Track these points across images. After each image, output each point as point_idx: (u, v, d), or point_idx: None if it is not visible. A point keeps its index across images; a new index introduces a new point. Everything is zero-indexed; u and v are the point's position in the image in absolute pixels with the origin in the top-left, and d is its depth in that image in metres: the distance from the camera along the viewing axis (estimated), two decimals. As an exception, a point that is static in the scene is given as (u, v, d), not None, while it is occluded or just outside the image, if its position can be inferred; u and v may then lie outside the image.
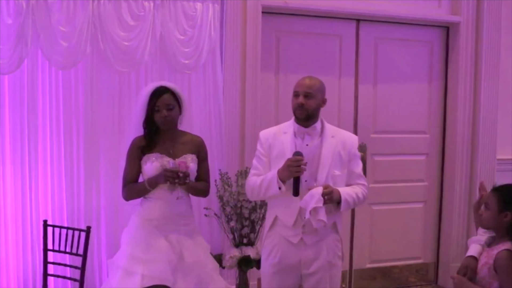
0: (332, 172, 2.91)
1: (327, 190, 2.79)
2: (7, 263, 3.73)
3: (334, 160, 2.93)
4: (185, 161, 3.11)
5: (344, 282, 4.84)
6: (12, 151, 3.71)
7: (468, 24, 4.81)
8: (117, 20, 3.80)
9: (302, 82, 2.98)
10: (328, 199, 2.80)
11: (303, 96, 2.92)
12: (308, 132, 2.97)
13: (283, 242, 2.97)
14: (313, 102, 2.92)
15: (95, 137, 3.87)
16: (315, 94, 2.93)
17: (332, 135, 2.99)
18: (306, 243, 2.93)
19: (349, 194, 2.91)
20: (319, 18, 4.56)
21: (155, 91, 3.17)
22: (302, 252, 2.94)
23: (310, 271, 2.95)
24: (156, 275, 2.95)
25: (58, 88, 3.80)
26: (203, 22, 4.01)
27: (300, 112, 2.93)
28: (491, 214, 2.65)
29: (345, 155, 2.96)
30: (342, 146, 2.96)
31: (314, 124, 2.97)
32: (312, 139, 2.97)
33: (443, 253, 5.06)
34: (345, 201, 2.87)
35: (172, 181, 3.03)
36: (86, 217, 3.87)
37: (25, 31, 3.56)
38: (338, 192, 2.86)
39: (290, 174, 2.81)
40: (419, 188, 5.03)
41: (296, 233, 2.93)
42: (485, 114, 4.85)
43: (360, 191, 2.97)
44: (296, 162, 2.80)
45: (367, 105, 4.79)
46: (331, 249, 2.97)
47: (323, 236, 2.94)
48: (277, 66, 4.50)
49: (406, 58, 4.88)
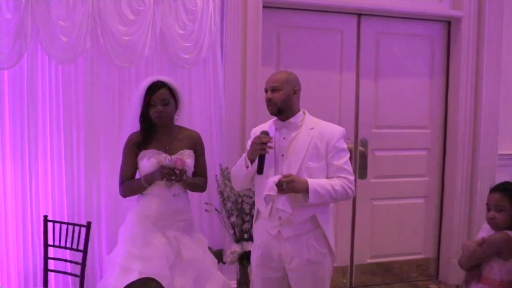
0: (306, 164, 2.86)
1: (286, 179, 2.74)
2: (7, 258, 3.72)
3: (309, 152, 2.88)
4: (181, 158, 3.08)
5: (345, 277, 4.84)
6: (12, 147, 3.69)
7: (470, 18, 4.79)
8: (117, 14, 3.78)
9: (269, 78, 3.02)
10: (288, 188, 2.74)
11: (271, 91, 2.94)
12: (285, 125, 2.97)
13: (265, 235, 3.00)
14: (281, 94, 2.91)
15: (95, 132, 3.86)
16: (281, 87, 2.93)
17: (312, 127, 2.95)
18: (284, 236, 2.91)
19: (321, 185, 2.80)
20: (320, 13, 4.54)
21: (151, 86, 3.14)
22: (282, 246, 2.94)
23: (291, 267, 2.94)
24: (154, 272, 2.93)
25: (58, 83, 3.79)
26: (204, 16, 3.99)
27: (270, 107, 2.95)
28: (505, 214, 2.73)
29: (322, 146, 2.89)
30: (320, 137, 2.90)
31: (292, 117, 2.96)
32: (290, 132, 2.96)
33: (444, 248, 5.05)
34: (314, 191, 2.76)
35: (168, 178, 3.01)
36: (86, 213, 3.86)
37: (25, 25, 3.54)
38: (304, 182, 2.77)
39: (254, 152, 2.85)
40: (420, 183, 5.02)
41: (274, 225, 2.93)
42: (487, 109, 4.84)
43: (338, 184, 2.84)
44: (259, 139, 2.83)
45: (368, 100, 4.77)
46: (312, 246, 2.91)
47: (302, 231, 2.90)
48: (277, 61, 4.48)
49: (407, 53, 4.86)
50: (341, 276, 4.82)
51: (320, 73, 4.59)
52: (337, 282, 4.79)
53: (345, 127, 4.59)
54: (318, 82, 4.56)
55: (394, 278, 5.03)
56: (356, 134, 4.76)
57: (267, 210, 2.92)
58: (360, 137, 4.77)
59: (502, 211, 2.73)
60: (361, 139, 4.77)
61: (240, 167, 2.97)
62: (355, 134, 4.76)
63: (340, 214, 4.75)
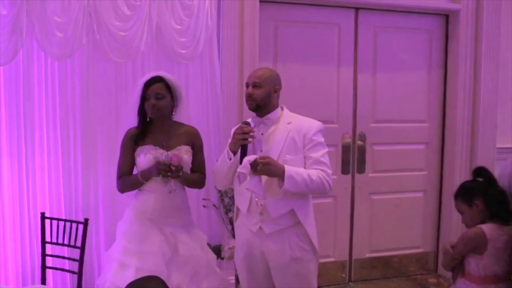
0: (283, 157, 2.85)
1: (262, 160, 2.72)
2: (5, 256, 3.71)
3: (287, 145, 2.88)
4: (178, 154, 3.07)
5: (343, 271, 4.84)
6: (9, 144, 3.68)
7: (468, 12, 4.77)
8: (113, 10, 3.76)
9: (251, 74, 3.03)
10: (263, 170, 2.72)
11: (252, 87, 2.95)
12: (262, 121, 2.98)
13: (247, 233, 2.99)
14: (261, 91, 2.92)
15: (92, 128, 3.84)
16: (263, 84, 2.93)
17: (290, 121, 2.96)
18: (266, 232, 2.90)
19: (298, 173, 2.77)
20: (318, 7, 4.52)
21: (148, 80, 3.13)
22: (264, 243, 2.93)
23: (275, 265, 2.93)
24: (150, 268, 2.93)
25: (54, 79, 3.77)
26: (200, 11, 3.97)
27: (249, 102, 2.96)
28: (467, 215, 2.82)
29: (299, 139, 2.89)
30: (297, 131, 2.91)
31: (269, 114, 2.97)
32: (267, 127, 2.97)
33: (443, 242, 5.02)
34: (289, 177, 2.73)
35: (164, 174, 2.99)
36: (84, 209, 3.85)
37: (20, 22, 3.52)
38: (280, 167, 2.76)
39: (236, 142, 2.84)
40: (418, 177, 5.02)
41: (255, 221, 2.93)
42: (485, 102, 4.83)
43: (315, 174, 2.81)
44: (241, 129, 2.83)
45: (366, 94, 4.76)
46: (294, 242, 2.90)
47: (283, 226, 2.89)
48: (275, 55, 4.46)
49: (405, 47, 4.84)
50: (340, 271, 4.82)
51: (317, 67, 4.57)
52: (336, 277, 4.80)
53: (343, 121, 4.67)
54: (315, 76, 4.55)
55: (393, 272, 5.03)
56: (354, 129, 4.75)
57: (246, 205, 2.92)
58: (358, 132, 4.76)
59: (464, 213, 2.84)
60: (359, 133, 4.76)
61: (223, 160, 2.93)
62: (353, 128, 4.75)
63: (338, 209, 4.75)
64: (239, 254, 3.07)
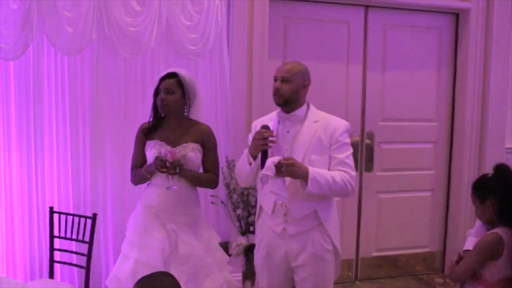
0: (309, 157, 2.80)
1: (286, 161, 2.67)
2: (13, 249, 3.74)
3: (313, 144, 2.82)
4: (174, 151, 3.02)
5: (350, 270, 4.83)
6: (18, 138, 3.70)
7: (478, 10, 4.75)
8: (123, 5, 3.76)
9: (280, 67, 2.95)
10: (287, 172, 2.67)
11: (280, 81, 2.87)
12: (289, 118, 2.90)
13: (269, 234, 2.95)
14: (290, 86, 2.85)
15: (101, 123, 3.86)
16: (292, 79, 2.86)
17: (316, 120, 2.89)
18: (290, 233, 2.87)
19: (321, 175, 2.72)
20: (327, 4, 4.51)
21: (163, 76, 3.15)
22: (287, 244, 2.89)
23: (298, 264, 2.90)
24: (148, 262, 2.95)
25: (64, 74, 3.78)
26: (210, 7, 3.96)
27: (276, 97, 2.88)
28: (478, 209, 2.79)
29: (326, 139, 2.83)
30: (324, 130, 2.84)
31: (296, 110, 2.89)
32: (294, 124, 2.90)
33: (450, 241, 5.03)
34: (313, 179, 2.68)
35: (160, 170, 2.98)
36: (92, 204, 3.87)
37: (31, 16, 3.53)
38: (304, 168, 2.70)
39: (256, 148, 2.78)
40: (426, 177, 5.00)
41: (278, 222, 2.89)
42: (494, 102, 4.80)
43: (339, 176, 2.76)
44: (261, 134, 2.76)
45: (375, 93, 4.75)
46: (318, 241, 2.86)
47: (307, 227, 2.86)
48: (284, 52, 4.45)
49: (414, 45, 4.82)
50: (347, 269, 4.81)
51: (326, 65, 4.56)
52: (343, 276, 4.78)
53: (352, 119, 4.65)
54: (324, 74, 4.53)
55: (400, 272, 5.01)
56: (362, 127, 4.74)
57: (270, 206, 2.88)
58: (366, 130, 4.74)
59: (476, 206, 2.81)
60: (367, 132, 4.75)
61: (243, 164, 2.89)
62: (362, 126, 4.73)
63: (346, 207, 4.74)
64: (260, 254, 3.01)
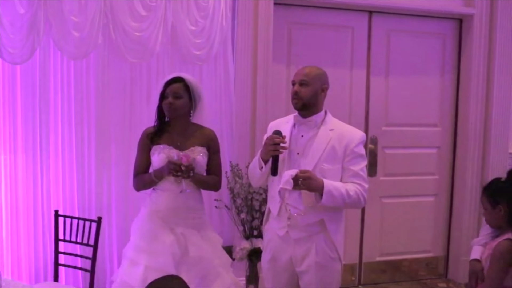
0: (320, 165, 2.78)
1: (303, 174, 2.66)
2: (18, 252, 3.75)
3: (326, 153, 2.80)
4: (189, 154, 3.06)
5: (353, 275, 4.84)
6: (24, 141, 3.72)
7: (482, 16, 4.76)
8: (129, 10, 3.79)
9: (298, 71, 2.94)
10: (304, 185, 2.67)
11: (299, 85, 2.86)
12: (305, 122, 2.89)
13: (275, 238, 2.97)
14: (309, 90, 2.84)
15: (106, 127, 3.87)
16: (311, 82, 2.85)
17: (332, 128, 2.87)
18: (293, 237, 2.87)
19: (336, 188, 2.71)
20: (331, 10, 4.53)
21: (169, 80, 3.17)
22: (291, 249, 2.90)
23: (302, 269, 2.90)
24: (159, 267, 2.95)
25: (70, 78, 3.80)
26: (215, 12, 3.99)
27: (295, 100, 2.86)
28: (488, 213, 2.79)
29: (340, 149, 2.80)
30: (339, 140, 2.82)
31: (313, 115, 2.88)
32: (309, 130, 2.88)
33: (454, 247, 5.04)
34: (328, 192, 2.67)
35: (174, 173, 3.00)
36: (97, 208, 3.88)
37: (37, 21, 3.56)
38: (320, 181, 2.69)
39: (267, 153, 2.79)
40: (430, 182, 5.01)
41: (282, 225, 2.89)
42: (498, 107, 4.81)
43: (353, 189, 2.75)
44: (272, 140, 2.77)
45: (378, 98, 4.76)
46: (321, 249, 2.85)
47: (311, 233, 2.85)
48: (288, 57, 4.47)
49: (418, 51, 4.84)
50: (350, 274, 4.82)
51: (330, 70, 4.45)
52: (346, 280, 4.78)
53: (355, 124, 4.58)
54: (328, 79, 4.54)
55: (403, 276, 5.01)
56: (366, 132, 4.73)
57: (277, 208, 2.89)
58: (370, 135, 4.75)
59: (486, 210, 2.81)
60: (371, 137, 4.76)
61: (254, 167, 2.92)
62: (365, 131, 4.73)
63: (349, 212, 4.69)
64: (266, 257, 3.03)
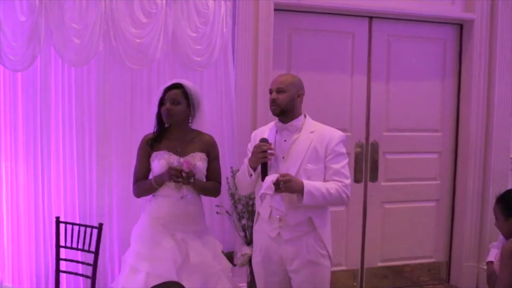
0: (305, 166, 2.89)
1: (283, 178, 2.76)
2: (19, 259, 3.75)
3: (308, 154, 2.91)
4: (189, 160, 3.08)
5: (355, 280, 4.83)
6: (25, 148, 3.73)
7: (482, 21, 4.77)
8: (129, 17, 3.80)
9: (275, 79, 3.06)
10: (285, 188, 2.76)
11: (276, 92, 2.98)
12: (286, 128, 3.00)
13: (265, 238, 3.02)
14: (285, 96, 2.95)
15: (107, 134, 3.88)
16: (287, 89, 2.96)
17: (312, 130, 2.98)
18: (284, 238, 2.93)
19: (316, 188, 2.82)
20: (332, 15, 4.54)
21: (168, 86, 3.18)
22: (282, 249, 2.96)
23: (293, 268, 2.96)
24: (161, 274, 2.95)
25: (71, 85, 3.82)
26: (215, 19, 4.00)
27: (273, 107, 2.97)
28: (501, 223, 2.85)
29: (321, 149, 2.92)
30: (319, 140, 2.93)
31: (293, 120, 2.99)
32: (291, 134, 2.98)
33: (456, 252, 5.02)
34: (308, 192, 2.78)
35: (175, 179, 3.02)
36: (98, 214, 3.88)
37: (38, 28, 3.58)
38: (300, 183, 2.80)
39: (256, 160, 2.89)
40: (431, 187, 5.00)
41: (273, 227, 2.96)
42: (499, 112, 4.81)
43: (334, 187, 2.86)
44: (260, 148, 2.87)
45: (379, 103, 4.76)
46: (312, 247, 2.93)
47: (301, 233, 2.93)
48: (289, 63, 4.48)
49: (419, 56, 4.84)
50: (352, 279, 4.81)
51: (331, 75, 4.59)
52: (348, 286, 4.78)
53: (356, 129, 4.67)
54: (329, 84, 4.56)
55: (405, 282, 5.00)
56: (367, 137, 4.75)
57: (267, 212, 2.94)
58: (371, 140, 4.75)
59: (497, 220, 2.87)
60: (372, 142, 4.75)
61: (244, 175, 3.00)
62: (366, 136, 4.74)
63: (350, 217, 4.74)
64: (257, 259, 3.09)
